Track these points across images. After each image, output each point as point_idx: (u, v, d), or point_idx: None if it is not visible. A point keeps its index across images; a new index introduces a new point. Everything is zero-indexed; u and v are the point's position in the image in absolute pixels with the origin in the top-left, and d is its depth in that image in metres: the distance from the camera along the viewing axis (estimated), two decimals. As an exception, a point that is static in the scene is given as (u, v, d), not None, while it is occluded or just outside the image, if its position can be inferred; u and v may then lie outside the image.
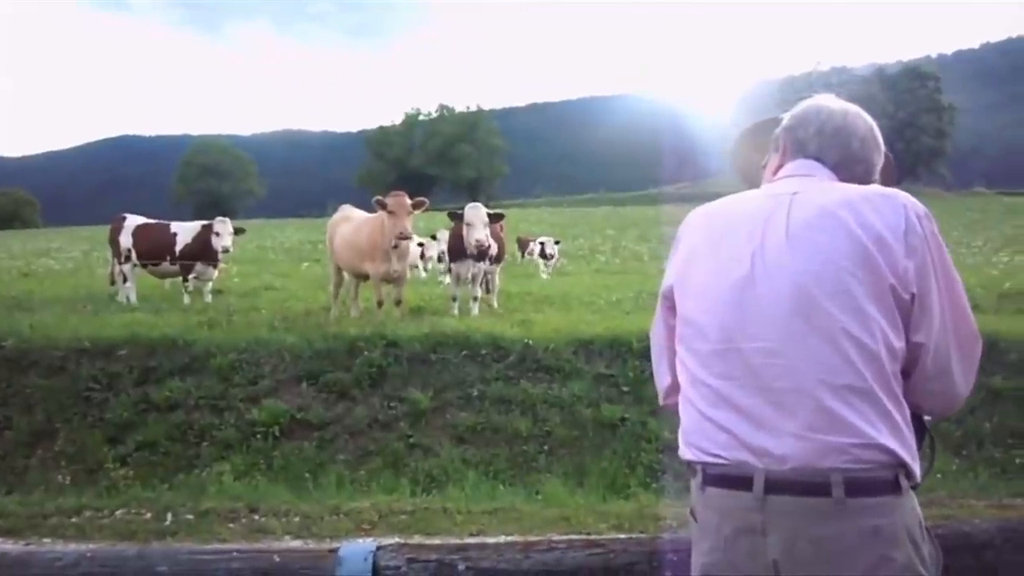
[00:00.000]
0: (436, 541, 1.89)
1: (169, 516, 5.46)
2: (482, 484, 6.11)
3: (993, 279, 12.67)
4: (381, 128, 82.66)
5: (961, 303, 1.62)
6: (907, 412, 1.55)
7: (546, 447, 6.65)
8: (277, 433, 6.76)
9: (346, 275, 9.63)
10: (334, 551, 1.73)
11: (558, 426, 6.80)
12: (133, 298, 11.18)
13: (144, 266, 11.74)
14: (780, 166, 1.84)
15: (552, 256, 18.73)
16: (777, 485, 1.49)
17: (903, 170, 62.01)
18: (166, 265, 11.68)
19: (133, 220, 12.01)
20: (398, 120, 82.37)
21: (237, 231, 11.73)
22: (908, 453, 1.51)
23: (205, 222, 12.12)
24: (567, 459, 6.57)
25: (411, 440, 6.71)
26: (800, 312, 1.54)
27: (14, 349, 7.42)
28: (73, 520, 5.39)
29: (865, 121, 1.82)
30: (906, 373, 1.59)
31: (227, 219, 11.96)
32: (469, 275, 9.50)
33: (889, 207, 1.57)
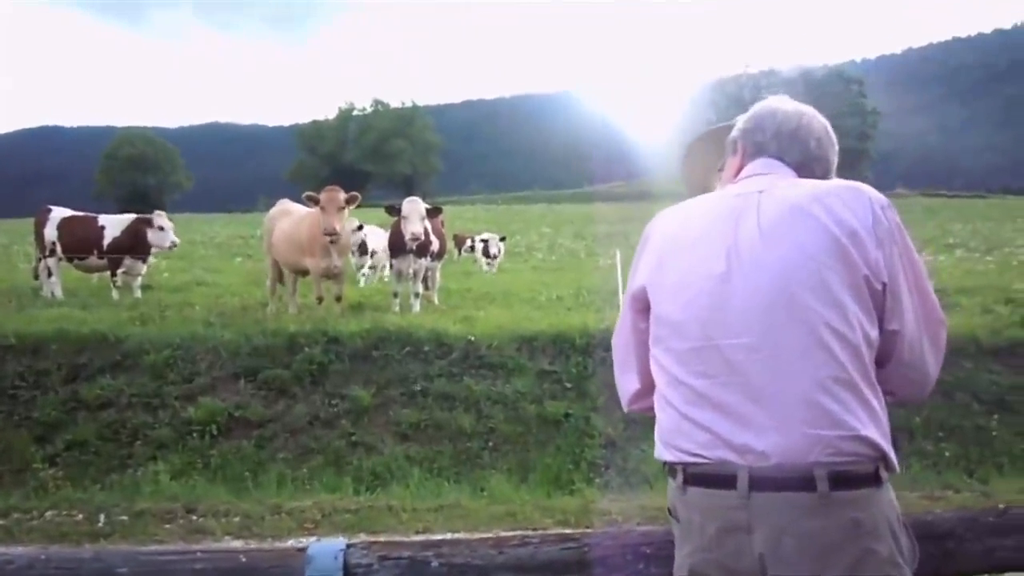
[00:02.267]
0: (407, 539, 1.87)
1: (102, 517, 5.29)
2: (427, 481, 6.08)
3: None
4: (314, 122, 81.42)
5: (926, 289, 1.67)
6: (883, 400, 1.59)
7: (490, 443, 6.66)
8: (214, 431, 6.60)
9: (284, 270, 9.44)
10: (303, 550, 1.69)
11: (502, 423, 6.81)
12: (59, 293, 10.78)
13: (70, 260, 11.32)
14: (740, 167, 1.86)
15: (496, 255, 18.04)
16: (761, 482, 1.50)
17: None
18: (93, 259, 11.28)
19: (59, 212, 11.56)
20: (331, 114, 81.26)
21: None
22: (887, 443, 1.54)
23: (137, 215, 11.76)
24: (511, 455, 6.58)
25: (353, 438, 6.63)
26: (779, 306, 1.55)
27: (-68, 346, 7.08)
28: (1, 522, 5.18)
29: (820, 122, 1.86)
30: (880, 362, 1.62)
31: (164, 212, 11.66)
32: (410, 271, 9.42)
33: (857, 200, 1.61)
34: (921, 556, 1.73)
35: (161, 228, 11.00)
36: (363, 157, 74.04)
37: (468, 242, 21.48)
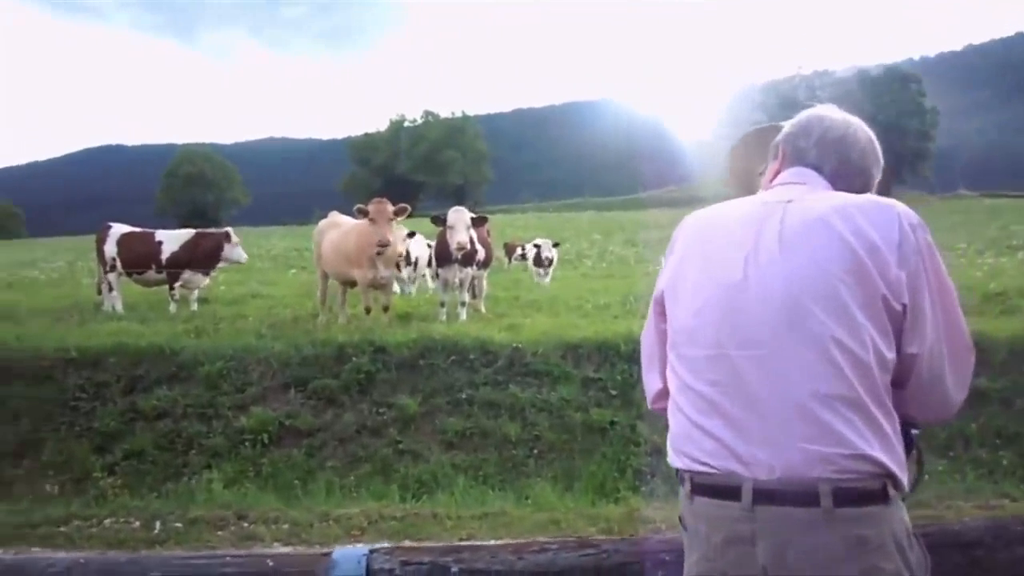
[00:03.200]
0: (429, 544, 1.90)
1: (158, 524, 5.43)
2: (472, 489, 6.12)
3: (977, 281, 12.77)
4: (366, 134, 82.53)
5: (955, 313, 1.62)
6: (897, 423, 1.56)
7: (535, 451, 6.67)
8: (266, 440, 6.74)
9: (333, 281, 9.60)
10: (327, 555, 1.74)
11: (547, 430, 6.82)
12: (119, 307, 11.13)
13: (129, 275, 11.70)
14: (777, 173, 1.85)
15: (550, 262, 16.90)
16: (765, 495, 1.50)
17: (887, 173, 62.49)
18: (151, 273, 11.64)
19: (118, 229, 11.97)
20: (383, 126, 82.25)
21: None
22: (896, 464, 1.52)
23: (196, 230, 12.16)
24: (556, 463, 6.58)
25: (400, 446, 6.71)
26: (792, 320, 1.54)
27: (0, 359, 7.36)
28: (62, 529, 5.35)
29: (866, 133, 1.83)
30: (899, 383, 1.59)
31: (230, 228, 12.10)
32: (456, 280, 9.50)
33: (883, 217, 1.57)
34: (947, 565, 1.70)
35: (236, 243, 11.43)
36: (415, 168, 74.79)
37: (519, 250, 21.52)
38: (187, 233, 12.11)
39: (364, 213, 8.62)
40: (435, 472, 6.41)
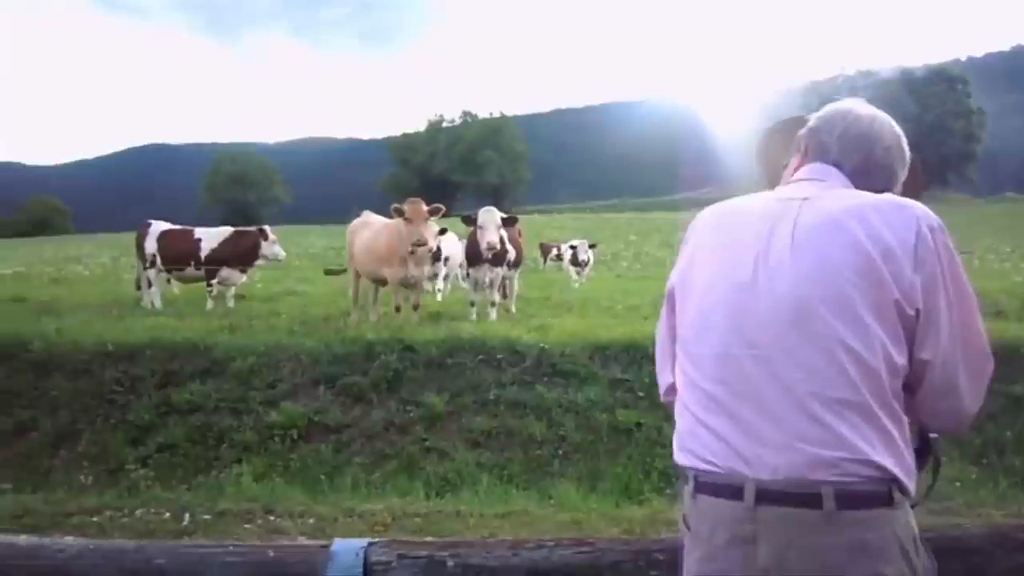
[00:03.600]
0: (428, 539, 1.93)
1: (187, 516, 5.54)
2: (496, 488, 6.14)
3: (1019, 286, 12.50)
4: (405, 135, 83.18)
5: (972, 320, 1.59)
6: (906, 429, 1.54)
7: (560, 452, 6.67)
8: (295, 436, 6.83)
9: (365, 280, 9.70)
10: (326, 547, 1.77)
11: (573, 431, 6.81)
12: (158, 303, 11.36)
13: (168, 271, 11.93)
14: (800, 167, 1.82)
15: (586, 262, 16.85)
16: (768, 495, 1.49)
17: (931, 175, 61.11)
18: (190, 270, 11.86)
19: (158, 226, 12.21)
20: (422, 127, 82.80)
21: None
22: (903, 470, 1.50)
23: (235, 228, 12.37)
24: (581, 464, 6.57)
25: (426, 444, 6.75)
26: (798, 321, 1.52)
27: (40, 352, 7.57)
28: (95, 519, 5.49)
29: (892, 130, 1.78)
30: (911, 389, 1.57)
31: (268, 227, 12.27)
32: (487, 280, 9.54)
33: (900, 218, 1.54)
34: (946, 572, 1.68)
35: (273, 241, 11.61)
36: (452, 168, 75.18)
37: (554, 251, 21.52)
38: (225, 231, 12.33)
39: (400, 213, 8.71)
40: (460, 470, 6.45)
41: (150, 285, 11.68)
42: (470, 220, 9.35)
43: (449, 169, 75.15)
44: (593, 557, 1.76)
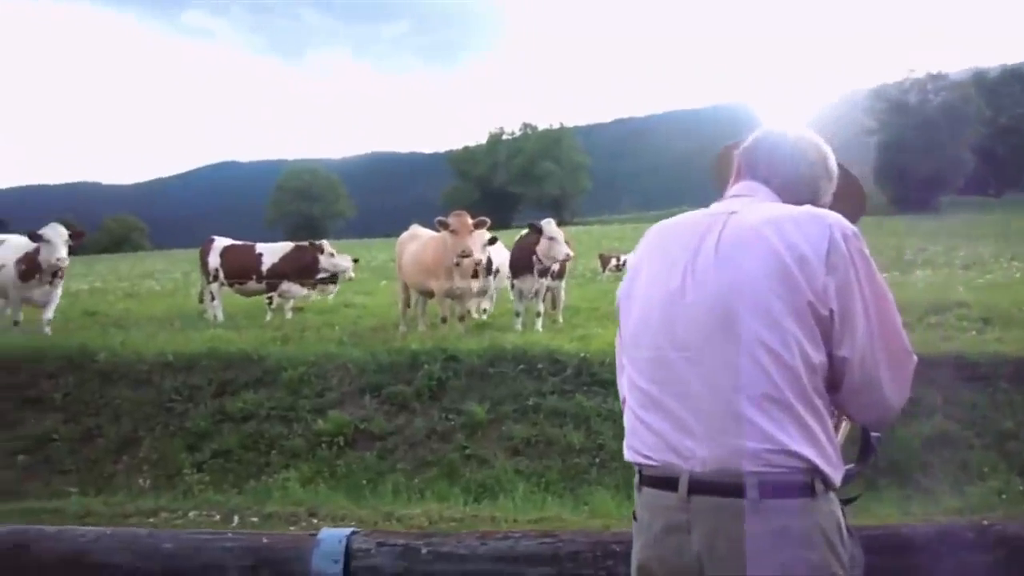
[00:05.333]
0: (405, 530, 2.07)
1: (236, 518, 5.83)
2: (532, 495, 6.27)
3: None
4: (466, 148, 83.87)
5: (890, 319, 1.69)
6: (828, 424, 1.65)
7: (598, 460, 6.76)
8: (341, 443, 7.08)
9: (413, 292, 9.96)
10: (314, 535, 1.94)
11: (611, 439, 6.88)
12: (220, 315, 11.81)
13: (231, 285, 12.41)
14: (733, 185, 1.96)
15: None
16: (699, 486, 1.61)
17: (1006, 179, 58.81)
18: (252, 284, 12.30)
19: (221, 242, 12.71)
20: (482, 139, 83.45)
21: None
22: (825, 462, 1.60)
23: (296, 244, 12.80)
24: (618, 472, 6.64)
25: (467, 451, 6.93)
26: (721, 324, 1.64)
27: (106, 363, 8.01)
28: (150, 520, 5.82)
29: (817, 148, 1.91)
30: (835, 386, 1.68)
31: (326, 241, 12.70)
32: (533, 290, 9.70)
33: (815, 227, 1.66)
34: (893, 569, 1.77)
35: (331, 254, 12.00)
36: (512, 180, 75.47)
37: (613, 261, 21.49)
38: (287, 246, 12.78)
39: (445, 225, 8.94)
40: (499, 477, 6.59)
41: (212, 298, 12.16)
42: (536, 228, 9.55)
43: (509, 181, 75.51)
44: (555, 548, 1.90)
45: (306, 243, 12.98)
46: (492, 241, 9.84)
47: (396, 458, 7.00)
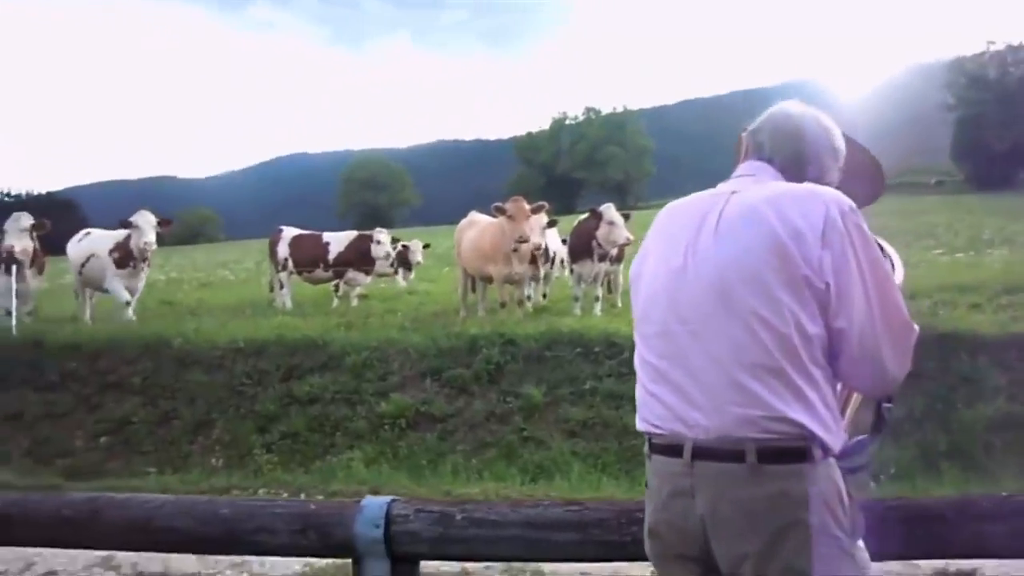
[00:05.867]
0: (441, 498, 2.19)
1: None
2: (588, 475, 6.37)
3: None
4: (529, 134, 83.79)
5: (889, 292, 1.74)
6: (826, 391, 1.70)
7: (654, 441, 6.80)
8: (403, 425, 7.30)
9: (473, 277, 10.12)
10: (358, 502, 2.08)
11: (667, 421, 6.93)
12: (289, 303, 12.17)
13: (299, 273, 12.77)
14: (740, 165, 2.02)
15: None
16: (702, 452, 1.70)
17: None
18: (319, 272, 12.65)
19: (289, 232, 13.08)
20: (546, 125, 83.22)
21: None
22: (821, 428, 1.66)
23: (359, 232, 13.09)
24: (674, 453, 6.68)
25: (524, 433, 7.06)
26: (719, 298, 1.73)
27: (180, 349, 8.38)
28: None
29: (820, 125, 1.96)
30: (835, 357, 1.73)
31: (384, 230, 12.94)
32: (591, 275, 9.76)
33: (811, 203, 1.72)
34: (910, 538, 1.82)
35: (379, 243, 12.23)
36: (576, 166, 75.15)
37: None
38: (351, 235, 13.08)
39: (502, 211, 9.06)
40: (555, 459, 6.71)
41: (282, 287, 12.54)
42: (596, 214, 9.60)
43: (572, 167, 75.20)
44: (581, 515, 2.00)
45: (367, 232, 13.25)
46: (551, 224, 9.93)
47: (456, 439, 7.18)
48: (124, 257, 10.15)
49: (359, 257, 12.48)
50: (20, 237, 9.49)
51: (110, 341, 8.63)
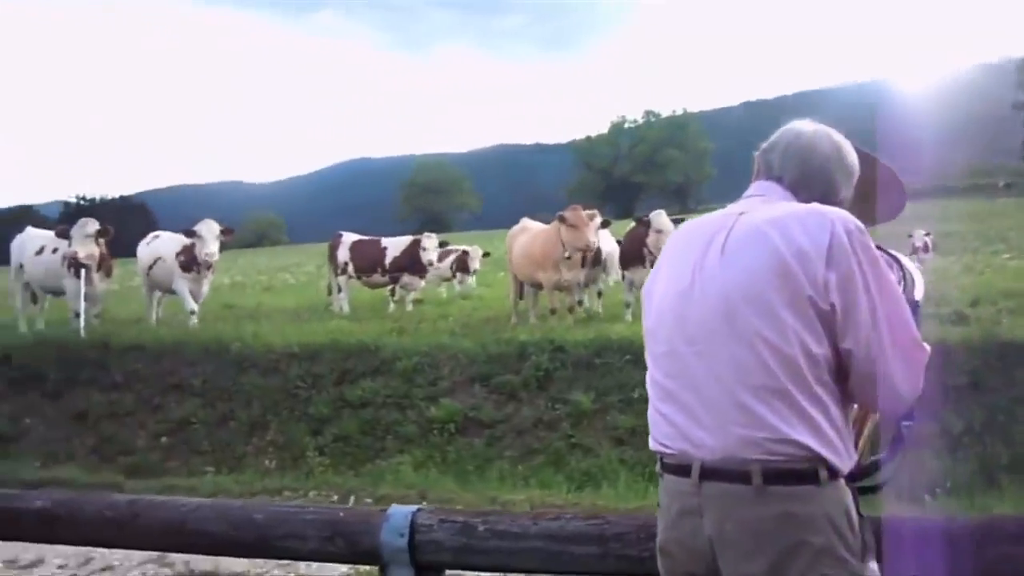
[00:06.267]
0: (465, 508, 2.22)
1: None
2: (635, 484, 6.33)
3: None
4: (588, 138, 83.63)
5: (897, 312, 1.71)
6: (833, 412, 1.68)
7: (703, 451, 6.73)
8: (452, 430, 7.37)
9: (523, 284, 10.15)
10: (384, 511, 2.13)
11: (717, 430, 6.85)
12: (346, 307, 12.37)
13: (359, 278, 12.96)
14: (751, 186, 2.02)
15: None
16: (709, 473, 1.69)
17: None
18: (377, 276, 12.83)
19: (349, 237, 13.27)
20: (605, 128, 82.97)
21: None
22: (828, 449, 1.64)
23: (414, 237, 13.25)
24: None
25: (572, 440, 7.06)
26: (724, 319, 1.72)
27: (238, 353, 8.61)
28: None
29: (832, 143, 1.93)
30: (846, 377, 1.72)
31: (433, 235, 13.07)
32: (642, 282, 9.69)
33: (816, 223, 1.70)
34: (993, 557, 1.79)
35: (424, 249, 12.34)
36: (635, 169, 74.72)
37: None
38: (407, 240, 13.24)
39: (563, 220, 9.10)
40: (603, 466, 6.69)
41: (339, 291, 12.75)
42: (644, 222, 9.56)
43: (632, 170, 74.76)
44: (602, 528, 2.00)
45: (419, 237, 13.36)
46: (605, 224, 9.90)
47: (504, 445, 7.22)
48: (189, 261, 10.43)
49: (413, 262, 12.63)
50: (85, 243, 9.75)
51: (173, 343, 8.92)
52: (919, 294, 1.91)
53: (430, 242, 12.37)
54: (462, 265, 15.59)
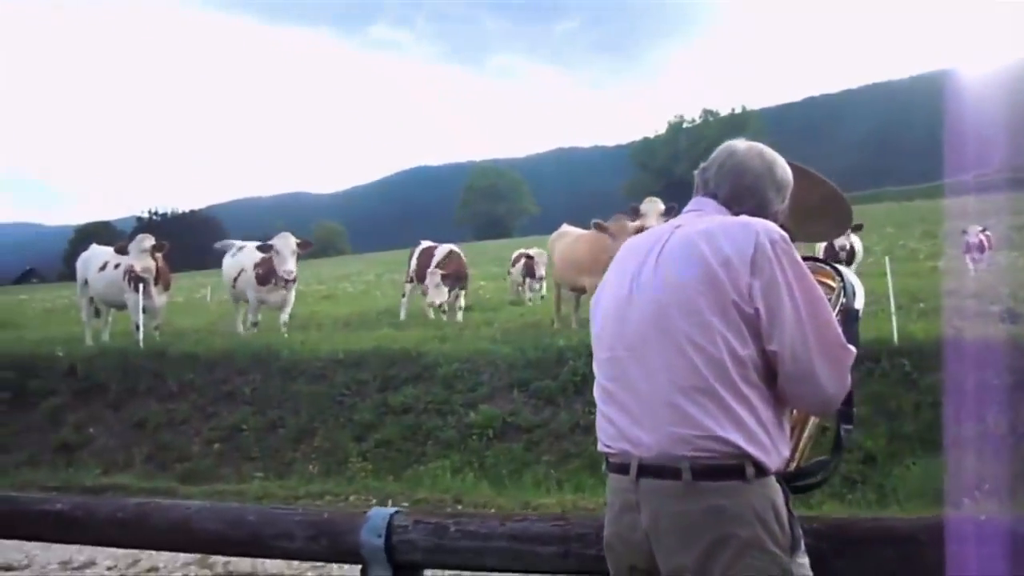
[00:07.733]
0: (438, 510, 2.31)
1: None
2: (669, 487, 6.35)
3: None
4: (645, 139, 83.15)
5: (822, 315, 1.79)
6: (760, 411, 1.76)
7: (739, 454, 6.71)
8: (491, 435, 7.50)
9: (565, 289, 10.22)
10: (364, 513, 2.26)
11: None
12: (403, 314, 12.52)
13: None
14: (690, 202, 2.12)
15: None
16: (645, 470, 1.79)
17: None
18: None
19: (424, 245, 13.31)
20: (662, 129, 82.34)
21: None
22: (755, 447, 1.72)
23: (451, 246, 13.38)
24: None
25: (609, 444, 7.09)
26: (657, 325, 1.83)
27: (287, 360, 8.90)
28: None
29: (763, 160, 2.03)
30: (775, 378, 1.80)
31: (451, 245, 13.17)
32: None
33: (742, 233, 1.81)
34: (879, 559, 1.85)
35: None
36: (693, 168, 73.66)
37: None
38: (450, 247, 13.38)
39: (603, 229, 9.12)
40: (637, 470, 6.72)
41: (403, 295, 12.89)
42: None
43: (689, 170, 72.98)
44: (564, 529, 2.10)
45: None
46: (669, 211, 9.88)
47: (541, 450, 7.32)
48: (267, 274, 10.58)
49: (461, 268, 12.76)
50: (141, 257, 10.12)
51: (224, 353, 9.26)
52: (859, 303, 1.98)
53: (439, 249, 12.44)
54: (529, 270, 15.58)
